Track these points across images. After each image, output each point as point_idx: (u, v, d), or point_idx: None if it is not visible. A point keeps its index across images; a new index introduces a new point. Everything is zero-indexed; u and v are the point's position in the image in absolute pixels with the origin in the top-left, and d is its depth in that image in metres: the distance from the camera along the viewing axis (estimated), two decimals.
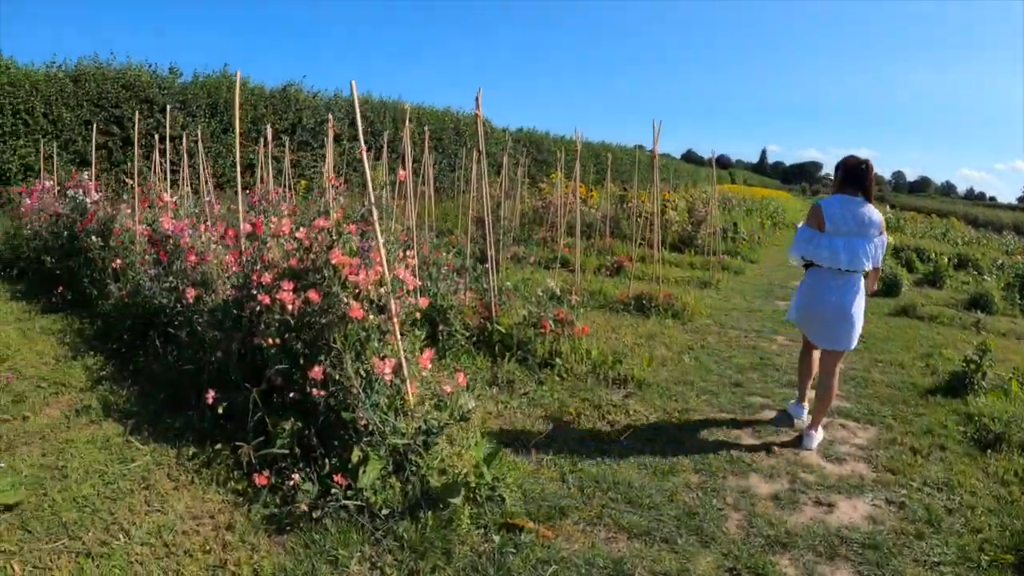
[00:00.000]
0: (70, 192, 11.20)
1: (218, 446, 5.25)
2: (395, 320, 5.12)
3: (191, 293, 6.30)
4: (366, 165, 5.37)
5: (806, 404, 6.53)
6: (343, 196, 9.82)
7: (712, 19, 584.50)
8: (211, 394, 5.15)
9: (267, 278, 5.27)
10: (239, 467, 4.94)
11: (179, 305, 6.85)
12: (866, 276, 5.88)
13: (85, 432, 5.63)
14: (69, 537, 4.15)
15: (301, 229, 5.52)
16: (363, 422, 4.69)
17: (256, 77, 23.38)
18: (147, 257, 8.28)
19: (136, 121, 11.03)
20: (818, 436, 6.09)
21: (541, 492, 4.94)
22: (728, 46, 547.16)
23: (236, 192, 7.12)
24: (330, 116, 11.47)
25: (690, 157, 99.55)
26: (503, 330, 8.32)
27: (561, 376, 7.65)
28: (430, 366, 5.16)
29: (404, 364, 5.04)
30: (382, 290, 5.13)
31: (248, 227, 6.31)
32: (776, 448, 5.96)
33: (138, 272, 8.18)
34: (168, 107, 11.25)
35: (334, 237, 5.38)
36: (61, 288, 9.84)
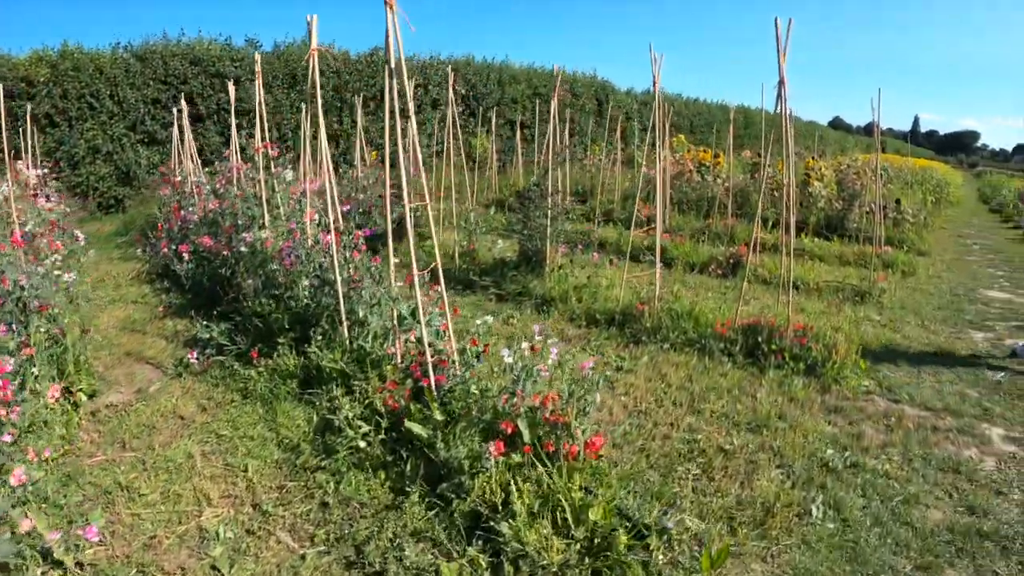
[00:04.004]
0: None
1: None
2: None
3: None
4: None
5: None
6: None
7: None
8: None
9: None
10: None
11: None
12: None
13: None
14: None
15: None
16: None
17: (342, 44, 19.34)
18: None
19: None
20: None
21: None
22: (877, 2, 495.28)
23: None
24: (257, 56, 6.96)
25: (837, 124, 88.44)
26: (424, 433, 3.58)
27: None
28: None
29: None
30: None
31: None
32: None
33: None
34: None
35: None
36: None
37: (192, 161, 10.62)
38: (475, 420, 3.62)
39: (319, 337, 5.07)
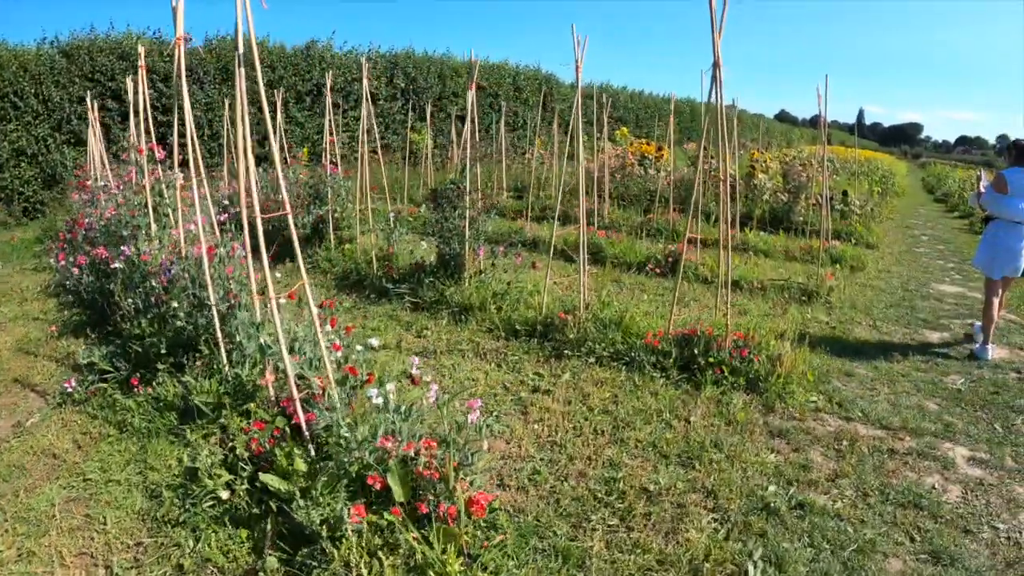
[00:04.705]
0: None
1: None
2: None
3: None
4: None
5: (991, 345, 5.92)
6: None
7: None
8: None
9: None
10: None
11: None
12: None
13: None
14: None
15: None
16: None
17: (280, 37, 18.49)
18: None
19: None
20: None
21: None
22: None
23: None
24: (141, 49, 6.19)
25: (783, 117, 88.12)
26: (282, 487, 2.90)
27: None
28: None
29: None
30: None
31: None
32: None
33: None
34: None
35: None
36: None
37: (102, 162, 9.72)
38: (340, 472, 2.92)
39: (197, 364, 4.34)
